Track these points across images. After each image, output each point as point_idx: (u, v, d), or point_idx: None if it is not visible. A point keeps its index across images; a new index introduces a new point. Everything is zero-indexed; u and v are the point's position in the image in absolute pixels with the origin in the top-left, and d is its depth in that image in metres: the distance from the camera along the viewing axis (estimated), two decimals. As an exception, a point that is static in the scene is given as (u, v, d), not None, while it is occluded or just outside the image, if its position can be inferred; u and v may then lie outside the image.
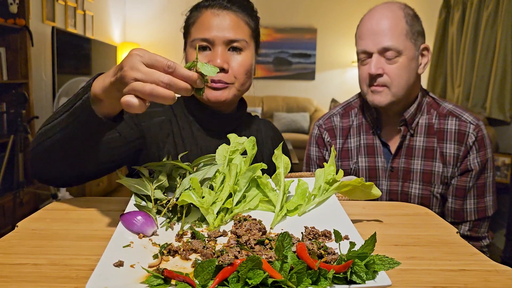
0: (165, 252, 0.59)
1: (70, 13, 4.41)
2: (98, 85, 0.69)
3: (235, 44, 1.01)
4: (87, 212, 0.80)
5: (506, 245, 2.77)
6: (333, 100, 5.72)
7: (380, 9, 1.23)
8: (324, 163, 0.81)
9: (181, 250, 0.59)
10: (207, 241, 0.64)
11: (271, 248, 0.60)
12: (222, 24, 1.00)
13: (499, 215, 2.95)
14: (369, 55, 1.23)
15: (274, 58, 6.31)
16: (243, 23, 1.03)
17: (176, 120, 1.06)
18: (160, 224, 0.70)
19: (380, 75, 1.22)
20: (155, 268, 0.55)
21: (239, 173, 0.79)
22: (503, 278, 0.57)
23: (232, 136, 0.84)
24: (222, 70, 0.99)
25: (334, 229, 0.60)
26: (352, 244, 0.53)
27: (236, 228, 0.67)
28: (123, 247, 0.60)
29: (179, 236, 0.65)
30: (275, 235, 0.65)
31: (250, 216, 0.72)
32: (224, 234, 0.67)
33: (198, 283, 0.49)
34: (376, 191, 0.76)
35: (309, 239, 0.64)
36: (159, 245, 0.63)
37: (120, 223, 0.66)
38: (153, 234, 0.66)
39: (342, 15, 6.12)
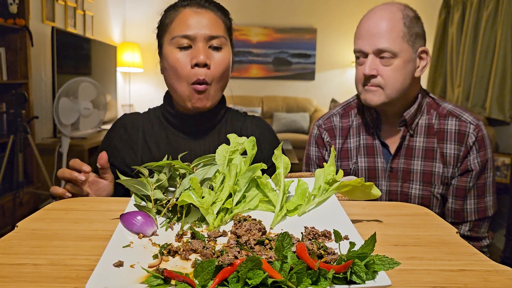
0: (165, 252, 0.59)
1: (70, 13, 4.41)
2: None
3: (215, 41, 1.04)
4: (87, 212, 0.80)
5: (506, 245, 2.77)
6: (333, 100, 5.72)
7: (379, 10, 1.23)
8: (324, 163, 0.81)
9: (181, 250, 0.59)
10: (207, 241, 0.64)
11: (271, 248, 0.60)
12: (202, 21, 1.04)
13: (499, 215, 2.95)
14: (365, 55, 1.23)
15: (274, 58, 6.31)
16: (221, 21, 1.08)
17: (151, 126, 1.13)
18: (160, 224, 0.70)
19: (374, 76, 1.22)
20: (155, 268, 0.55)
21: (239, 173, 0.79)
22: (503, 278, 0.57)
23: (232, 136, 0.85)
24: (205, 65, 1.02)
25: (334, 229, 0.60)
26: (352, 244, 0.53)
27: (236, 228, 0.67)
28: (123, 247, 0.60)
29: (179, 236, 0.65)
30: (275, 235, 0.65)
31: (250, 216, 0.72)
32: (224, 234, 0.67)
33: (198, 283, 0.49)
34: (376, 191, 0.76)
35: (309, 239, 0.64)
36: (159, 245, 0.63)
37: (120, 223, 0.66)
38: (153, 234, 0.66)
39: (342, 15, 6.12)
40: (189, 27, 1.03)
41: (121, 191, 1.04)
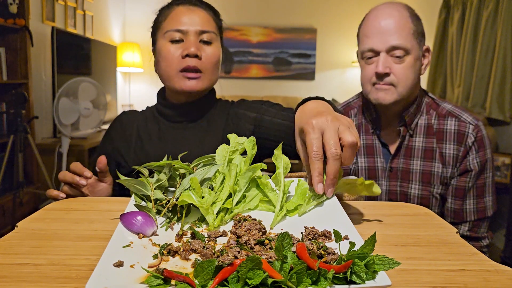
0: (165, 252, 0.59)
1: (70, 13, 4.41)
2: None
3: (205, 36, 1.11)
4: (87, 212, 0.80)
5: (506, 245, 2.77)
6: (333, 100, 5.72)
7: (387, 8, 1.22)
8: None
9: (181, 250, 0.59)
10: (207, 241, 0.64)
11: (271, 248, 0.60)
12: (194, 17, 1.11)
13: (499, 215, 2.96)
14: (376, 53, 1.22)
15: (274, 58, 6.31)
16: (211, 19, 1.15)
17: (145, 121, 1.19)
18: (160, 224, 0.70)
19: (387, 74, 1.21)
20: (155, 268, 0.55)
21: (239, 173, 0.79)
22: (503, 278, 0.57)
23: (232, 136, 0.85)
24: (196, 56, 1.09)
25: (334, 229, 0.60)
26: (352, 244, 0.53)
27: (236, 228, 0.67)
28: (123, 247, 0.60)
29: (179, 236, 0.65)
30: (275, 235, 0.65)
31: (250, 216, 0.72)
32: (224, 234, 0.67)
33: (198, 283, 0.49)
34: (377, 189, 0.75)
35: (309, 239, 0.64)
36: (159, 245, 0.63)
37: (120, 223, 0.66)
38: (153, 234, 0.66)
39: (342, 15, 6.12)
40: (181, 22, 1.10)
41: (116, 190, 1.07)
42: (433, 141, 1.27)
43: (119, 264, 0.54)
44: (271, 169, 0.88)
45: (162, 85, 1.20)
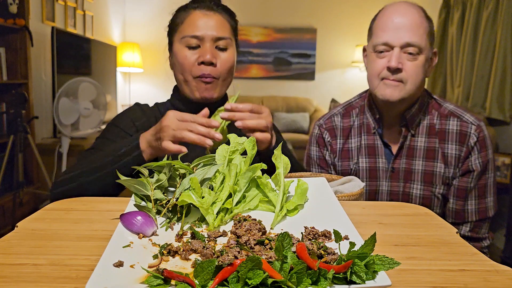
0: (165, 252, 0.59)
1: (70, 13, 4.41)
2: (143, 141, 0.99)
3: (221, 42, 1.12)
4: (87, 212, 0.80)
5: (506, 245, 2.77)
6: (333, 100, 5.72)
7: (404, 5, 1.23)
8: None
9: (181, 250, 0.59)
10: (207, 241, 0.64)
11: (271, 248, 0.60)
12: (211, 23, 1.12)
13: (499, 215, 2.95)
14: (389, 48, 1.21)
15: (274, 58, 6.31)
16: (227, 23, 1.16)
17: (156, 117, 1.19)
18: (160, 224, 0.70)
19: (399, 70, 1.20)
20: (155, 268, 0.55)
21: (239, 173, 0.78)
22: (503, 278, 0.57)
23: (232, 136, 0.84)
24: (211, 64, 1.11)
25: (334, 229, 0.60)
26: (352, 244, 0.53)
27: (236, 228, 0.67)
28: (123, 247, 0.60)
29: (179, 236, 0.65)
30: (275, 235, 0.65)
31: (250, 216, 0.72)
32: (224, 234, 0.67)
33: (198, 283, 0.49)
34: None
35: (309, 239, 0.64)
36: (159, 245, 0.63)
37: (120, 223, 0.66)
38: (153, 234, 0.66)
39: (342, 15, 6.12)
40: (198, 28, 1.11)
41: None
42: (435, 141, 1.27)
43: (119, 264, 0.54)
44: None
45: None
